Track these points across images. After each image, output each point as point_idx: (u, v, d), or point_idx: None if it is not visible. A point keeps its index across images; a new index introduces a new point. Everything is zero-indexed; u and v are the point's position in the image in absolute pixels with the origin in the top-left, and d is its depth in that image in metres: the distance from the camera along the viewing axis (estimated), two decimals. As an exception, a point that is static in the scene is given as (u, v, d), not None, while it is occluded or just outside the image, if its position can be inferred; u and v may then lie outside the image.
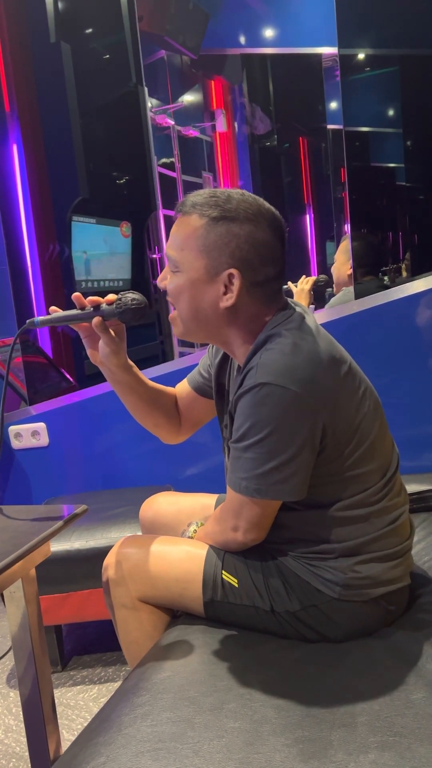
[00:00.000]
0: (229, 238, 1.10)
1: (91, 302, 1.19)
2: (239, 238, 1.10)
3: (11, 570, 1.01)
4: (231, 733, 0.93)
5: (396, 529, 1.19)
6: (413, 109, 2.39)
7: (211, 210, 1.11)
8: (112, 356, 1.23)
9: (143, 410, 1.37)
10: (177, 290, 1.15)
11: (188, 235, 1.12)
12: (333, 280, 2.50)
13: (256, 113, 2.71)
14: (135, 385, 1.32)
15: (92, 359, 1.27)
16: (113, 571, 1.24)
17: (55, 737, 1.29)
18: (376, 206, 2.48)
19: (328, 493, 1.14)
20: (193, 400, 1.44)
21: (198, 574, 1.20)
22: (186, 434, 1.48)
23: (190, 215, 1.13)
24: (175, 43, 2.59)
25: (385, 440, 1.21)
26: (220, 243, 1.10)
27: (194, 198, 1.14)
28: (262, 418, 1.05)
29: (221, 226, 1.10)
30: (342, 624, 1.17)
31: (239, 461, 1.11)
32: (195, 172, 2.88)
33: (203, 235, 1.11)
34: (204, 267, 1.12)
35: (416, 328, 2.31)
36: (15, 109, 2.49)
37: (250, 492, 1.10)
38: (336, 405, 1.09)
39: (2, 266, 2.52)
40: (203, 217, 1.11)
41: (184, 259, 1.13)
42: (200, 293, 1.13)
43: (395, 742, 0.89)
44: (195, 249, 1.12)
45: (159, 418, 1.40)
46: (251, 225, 1.10)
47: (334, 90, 2.50)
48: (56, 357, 2.67)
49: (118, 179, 2.79)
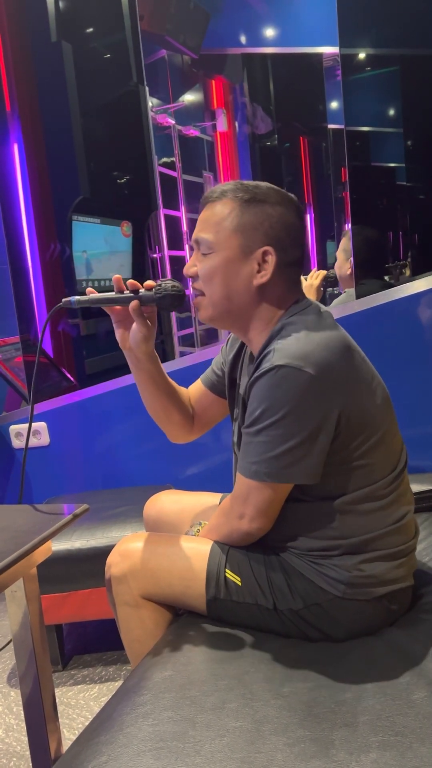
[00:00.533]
0: (263, 218, 1.15)
1: (131, 286, 1.21)
2: (272, 217, 1.15)
3: (13, 569, 1.01)
4: (232, 732, 0.93)
5: (401, 528, 1.19)
6: (414, 109, 2.39)
7: (243, 194, 1.16)
8: (142, 342, 1.25)
9: (159, 402, 1.38)
10: (211, 271, 1.18)
11: (222, 217, 1.16)
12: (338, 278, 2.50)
13: (257, 113, 2.71)
14: (156, 375, 1.33)
15: (121, 344, 1.28)
16: (116, 569, 1.24)
17: (56, 736, 1.29)
18: (377, 206, 2.48)
19: (335, 483, 1.15)
20: (207, 398, 1.45)
21: (201, 571, 1.20)
22: (197, 433, 1.49)
23: (220, 201, 1.17)
24: (176, 42, 2.59)
25: (395, 436, 1.23)
26: (255, 222, 1.15)
27: (222, 187, 1.19)
28: (277, 400, 1.07)
29: (254, 207, 1.15)
30: (344, 623, 1.17)
31: (250, 446, 1.12)
32: (195, 172, 2.88)
33: (238, 215, 1.15)
34: (239, 245, 1.16)
35: (417, 328, 2.31)
36: (16, 109, 2.49)
37: (260, 476, 1.11)
38: (350, 390, 1.10)
39: (3, 265, 2.52)
40: (235, 200, 1.16)
41: (219, 240, 1.16)
42: (235, 271, 1.17)
43: (397, 741, 0.89)
44: (230, 229, 1.16)
45: (173, 414, 1.40)
46: (282, 207, 1.16)
47: (335, 89, 2.50)
48: (57, 356, 2.67)
49: (118, 178, 2.79)
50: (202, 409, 1.46)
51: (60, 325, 2.66)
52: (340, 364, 1.09)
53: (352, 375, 1.12)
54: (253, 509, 1.15)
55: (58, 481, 2.56)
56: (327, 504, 1.16)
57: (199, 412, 1.46)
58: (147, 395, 1.37)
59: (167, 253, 2.81)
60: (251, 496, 1.14)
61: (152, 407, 1.39)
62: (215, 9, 2.57)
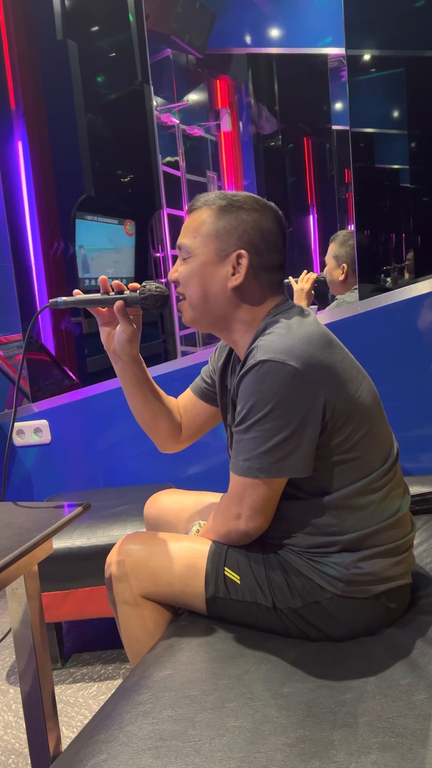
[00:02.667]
0: (238, 223, 1.20)
1: (116, 287, 1.25)
2: (247, 223, 1.20)
3: (14, 566, 1.01)
4: (232, 731, 0.93)
5: (398, 522, 1.20)
6: (419, 111, 2.39)
7: (220, 201, 1.21)
8: (127, 344, 1.27)
9: (146, 408, 1.38)
10: (189, 274, 1.23)
11: (200, 223, 1.22)
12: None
13: (262, 113, 2.71)
14: (142, 379, 1.35)
15: (106, 346, 1.31)
16: (116, 568, 1.25)
17: (55, 734, 1.29)
18: (381, 207, 2.48)
19: (329, 478, 1.16)
20: (196, 406, 1.46)
21: (200, 570, 1.21)
22: (186, 442, 1.49)
23: (201, 209, 1.23)
24: (182, 42, 2.59)
25: (384, 428, 1.24)
26: (229, 227, 1.20)
27: (206, 196, 1.24)
28: (263, 395, 1.09)
29: (230, 213, 1.20)
30: (343, 621, 1.17)
31: (241, 444, 1.14)
32: (199, 171, 2.89)
33: (214, 221, 1.21)
34: (214, 250, 1.20)
35: (418, 331, 2.31)
36: (21, 107, 2.49)
37: (253, 472, 1.12)
38: (335, 382, 1.12)
39: (6, 263, 2.52)
40: (213, 206, 1.22)
41: (196, 245, 1.21)
42: (210, 274, 1.21)
43: (397, 743, 0.89)
44: (206, 234, 1.21)
45: (160, 420, 1.41)
46: (257, 213, 1.21)
47: (340, 90, 2.50)
48: (59, 354, 2.67)
49: (122, 177, 2.79)
50: (191, 418, 1.47)
51: (62, 323, 2.66)
52: (322, 356, 1.12)
53: (336, 367, 1.14)
54: (249, 508, 1.16)
55: (60, 479, 2.56)
56: (322, 500, 1.16)
57: (188, 420, 1.47)
58: (133, 400, 1.38)
59: (170, 252, 2.82)
60: (246, 495, 1.15)
61: (139, 413, 1.41)
62: (221, 9, 2.57)
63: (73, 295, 1.28)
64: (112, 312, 1.26)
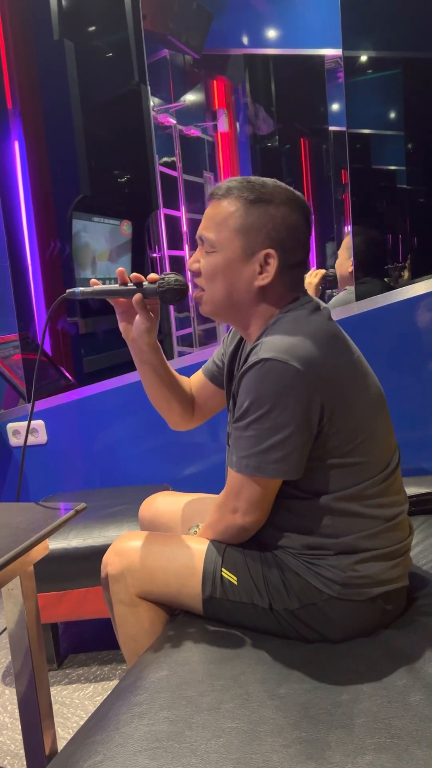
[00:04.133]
0: (267, 219, 1.15)
1: (134, 279, 1.23)
2: (276, 219, 1.15)
3: (10, 567, 1.01)
4: (229, 733, 0.92)
5: (395, 527, 1.20)
6: (415, 112, 2.40)
7: (248, 193, 1.15)
8: (145, 334, 1.27)
9: (161, 392, 1.40)
10: (213, 269, 1.19)
11: (226, 216, 1.16)
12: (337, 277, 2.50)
13: (259, 114, 2.71)
14: (159, 366, 1.35)
15: (124, 335, 1.30)
16: (112, 567, 1.24)
17: (51, 735, 1.29)
18: (377, 208, 2.48)
19: (325, 480, 1.15)
20: (207, 388, 1.47)
21: (198, 570, 1.20)
22: (197, 422, 1.51)
23: (225, 198, 1.17)
24: (178, 42, 2.59)
25: (387, 436, 1.22)
26: (258, 224, 1.15)
27: (229, 183, 1.18)
28: (263, 393, 1.08)
29: (259, 208, 1.15)
30: (340, 623, 1.17)
31: (240, 440, 1.13)
32: (196, 172, 2.88)
33: (241, 215, 1.15)
34: (241, 247, 1.16)
35: (417, 331, 2.32)
36: (17, 106, 2.49)
37: (250, 470, 1.12)
38: (336, 386, 1.11)
39: (3, 263, 2.51)
40: (240, 199, 1.15)
41: (221, 239, 1.17)
42: (236, 272, 1.17)
43: (393, 744, 0.89)
44: (233, 229, 1.16)
45: (173, 403, 1.42)
46: (287, 208, 1.16)
47: (336, 91, 2.50)
48: (55, 355, 2.67)
49: (119, 177, 2.79)
50: (202, 400, 1.48)
51: (59, 323, 2.66)
52: (327, 358, 1.10)
53: (340, 370, 1.13)
54: (246, 503, 1.16)
55: (56, 480, 2.55)
56: (319, 501, 1.16)
57: (199, 402, 1.49)
58: (149, 385, 1.39)
59: (167, 252, 2.81)
60: (243, 490, 1.15)
61: (154, 397, 1.42)
62: (218, 9, 2.57)
63: (91, 285, 1.26)
64: (129, 303, 1.24)
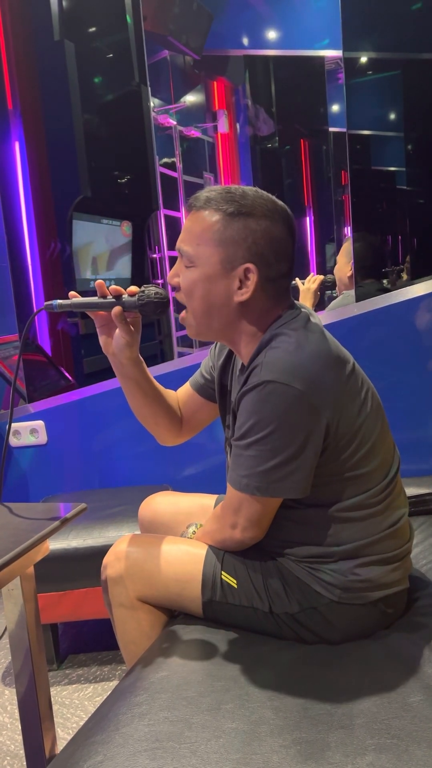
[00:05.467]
0: (247, 233, 1.10)
1: (114, 291, 1.19)
2: (256, 233, 1.11)
3: (10, 567, 1.01)
4: (228, 733, 0.93)
5: (396, 533, 1.19)
6: (415, 113, 2.40)
7: (228, 205, 1.11)
8: (126, 348, 1.23)
9: (146, 407, 1.36)
10: (191, 285, 1.15)
11: (204, 229, 1.12)
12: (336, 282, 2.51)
13: (259, 115, 2.71)
14: (141, 380, 1.31)
15: (104, 349, 1.26)
16: (112, 570, 1.24)
17: (51, 735, 1.29)
18: (377, 209, 2.48)
19: (328, 492, 1.14)
20: (195, 401, 1.43)
21: (197, 574, 1.20)
22: (185, 436, 1.47)
23: (204, 210, 1.13)
24: (179, 43, 2.59)
25: (386, 442, 1.22)
26: (237, 237, 1.10)
27: (208, 193, 1.13)
28: (265, 415, 1.06)
29: (238, 221, 1.10)
30: (340, 626, 1.17)
31: (240, 459, 1.11)
32: (196, 173, 2.88)
33: (220, 229, 1.11)
34: (220, 261, 1.12)
35: (416, 332, 2.32)
36: (18, 107, 2.49)
37: (251, 490, 1.10)
38: (339, 404, 1.09)
39: (3, 263, 2.52)
40: (219, 211, 1.11)
41: (199, 254, 1.13)
42: (215, 287, 1.13)
43: (393, 744, 0.89)
44: (211, 243, 1.12)
45: (160, 417, 1.39)
46: (267, 221, 1.11)
47: (336, 93, 2.51)
48: (55, 355, 2.67)
49: (119, 178, 2.79)
50: (190, 413, 1.45)
51: (59, 324, 2.66)
52: (328, 378, 1.08)
53: (341, 388, 1.10)
54: (245, 520, 1.15)
55: (56, 480, 2.56)
56: (320, 511, 1.15)
57: (187, 415, 1.45)
58: (132, 400, 1.35)
59: (167, 253, 2.82)
60: (243, 508, 1.14)
61: (139, 411, 1.37)
62: (218, 10, 2.58)
63: (69, 297, 1.22)
64: (109, 315, 1.20)
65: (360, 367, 1.20)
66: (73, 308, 1.22)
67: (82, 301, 1.22)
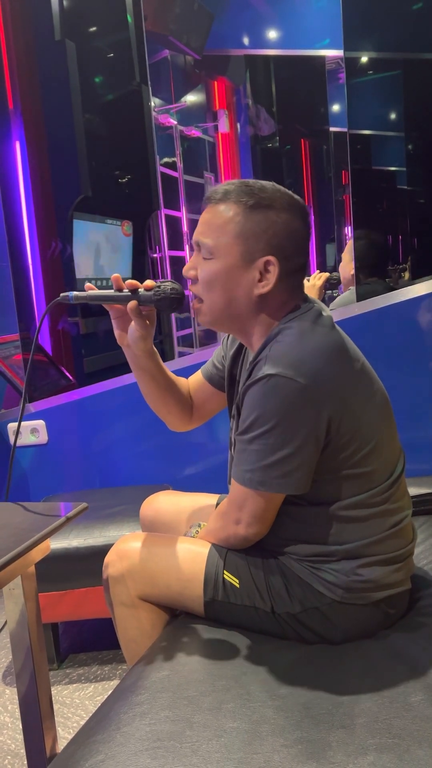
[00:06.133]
0: (267, 225, 1.11)
1: (129, 285, 1.19)
2: (276, 225, 1.11)
3: (11, 566, 1.01)
4: (230, 732, 0.93)
5: (398, 533, 1.19)
6: (416, 113, 2.40)
7: (247, 198, 1.11)
8: (140, 341, 1.24)
9: (158, 396, 1.38)
10: (211, 277, 1.15)
11: (225, 221, 1.12)
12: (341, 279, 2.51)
13: (259, 114, 2.71)
14: (155, 371, 1.32)
15: (119, 341, 1.27)
16: (114, 569, 1.24)
17: (51, 735, 1.29)
18: (378, 209, 2.48)
19: (331, 490, 1.14)
20: (206, 390, 1.45)
21: (199, 573, 1.20)
22: (196, 423, 1.49)
23: (223, 202, 1.13)
24: (179, 43, 2.59)
25: (392, 443, 1.21)
26: (258, 230, 1.11)
27: (227, 186, 1.14)
28: (268, 409, 1.06)
29: (258, 214, 1.11)
30: (342, 626, 1.17)
31: (244, 453, 1.12)
32: (197, 173, 2.88)
33: (241, 221, 1.11)
34: (240, 253, 1.12)
35: (417, 331, 2.32)
36: (18, 107, 2.49)
37: (254, 484, 1.11)
38: (342, 399, 1.09)
39: (3, 263, 2.52)
40: (239, 204, 1.12)
41: (219, 246, 1.13)
42: (235, 280, 1.14)
43: (394, 744, 0.89)
44: (231, 235, 1.12)
45: (171, 406, 1.41)
46: (287, 213, 1.12)
47: (337, 92, 2.50)
48: (56, 355, 2.67)
49: (120, 178, 2.79)
50: (201, 401, 1.46)
51: (59, 323, 2.66)
52: (333, 371, 1.08)
53: (346, 382, 1.10)
54: (249, 516, 1.15)
55: (56, 480, 2.56)
56: (323, 509, 1.15)
57: (198, 403, 1.47)
58: (145, 389, 1.37)
59: (167, 253, 2.82)
60: (247, 503, 1.14)
61: (151, 400, 1.40)
62: (219, 10, 2.58)
63: (86, 289, 1.22)
64: (125, 308, 1.20)
65: (370, 366, 1.20)
66: (88, 300, 1.23)
67: (98, 294, 1.22)
